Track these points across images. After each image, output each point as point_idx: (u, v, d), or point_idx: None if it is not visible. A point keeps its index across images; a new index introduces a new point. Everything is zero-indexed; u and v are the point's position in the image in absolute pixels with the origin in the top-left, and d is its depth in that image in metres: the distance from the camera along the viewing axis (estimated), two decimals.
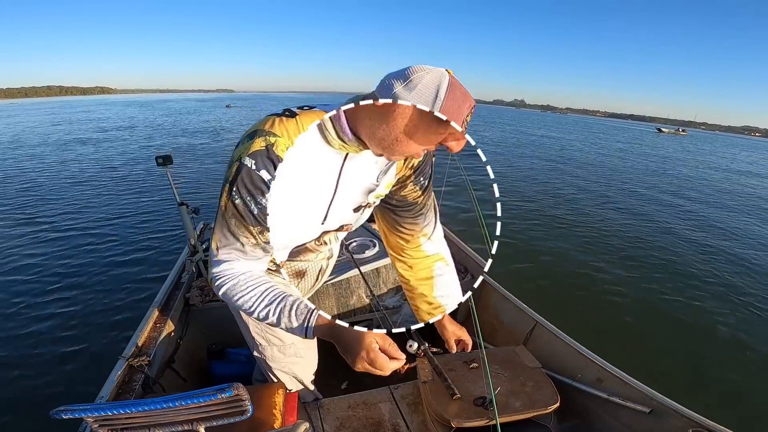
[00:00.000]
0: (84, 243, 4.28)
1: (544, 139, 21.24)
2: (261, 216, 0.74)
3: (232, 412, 0.82)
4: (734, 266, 4.53)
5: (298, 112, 0.75)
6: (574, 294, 3.57)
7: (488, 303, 1.95)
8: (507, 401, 1.21)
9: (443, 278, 1.08)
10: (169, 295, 1.81)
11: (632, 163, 14.21)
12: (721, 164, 17.86)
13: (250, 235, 0.76)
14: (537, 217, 5.76)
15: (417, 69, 0.64)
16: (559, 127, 34.27)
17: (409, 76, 0.63)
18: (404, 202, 0.96)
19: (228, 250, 0.77)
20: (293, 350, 1.20)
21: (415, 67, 0.65)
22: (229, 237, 0.76)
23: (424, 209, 0.97)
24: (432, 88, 0.63)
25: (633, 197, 7.85)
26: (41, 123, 21.45)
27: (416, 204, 0.97)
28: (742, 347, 2.98)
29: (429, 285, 1.06)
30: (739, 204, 8.35)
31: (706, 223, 6.35)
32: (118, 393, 1.25)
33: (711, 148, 29.92)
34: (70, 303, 3.12)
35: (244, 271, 0.78)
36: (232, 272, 0.77)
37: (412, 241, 1.02)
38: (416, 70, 0.64)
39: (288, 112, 0.75)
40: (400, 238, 1.03)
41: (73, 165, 8.69)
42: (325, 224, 0.88)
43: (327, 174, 0.80)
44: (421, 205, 0.97)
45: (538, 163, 11.64)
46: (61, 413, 0.74)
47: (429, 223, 1.00)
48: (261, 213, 0.74)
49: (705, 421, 1.09)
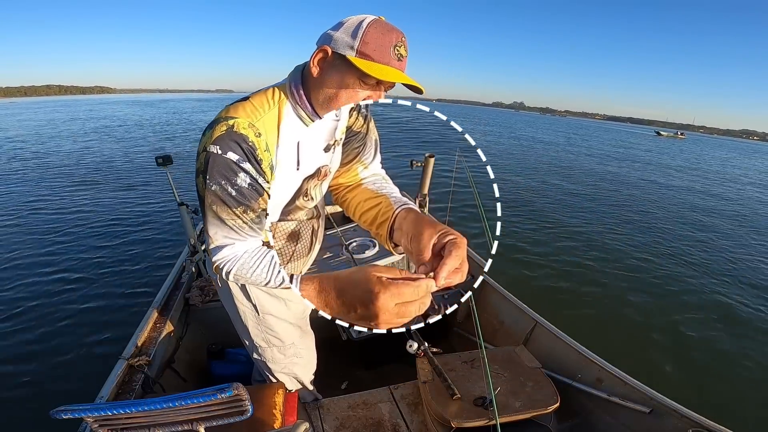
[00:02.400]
0: (84, 243, 4.28)
1: (541, 143, 21.24)
2: (240, 196, 0.76)
3: (232, 412, 0.82)
4: (734, 266, 4.54)
5: (250, 95, 0.81)
6: (574, 294, 3.57)
7: (488, 303, 1.95)
8: (507, 401, 1.21)
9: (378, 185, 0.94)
10: (169, 295, 1.81)
11: (631, 165, 14.22)
12: (718, 168, 17.86)
13: (235, 217, 0.77)
14: (536, 217, 5.77)
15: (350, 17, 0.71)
16: (556, 131, 34.30)
17: (341, 21, 0.71)
18: (350, 132, 0.98)
19: (221, 236, 0.78)
20: (293, 351, 1.20)
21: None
22: (217, 223, 0.77)
23: (366, 138, 0.99)
24: (356, 22, 0.69)
25: (633, 198, 7.85)
26: (50, 121, 21.42)
27: (360, 132, 0.98)
28: (742, 347, 2.98)
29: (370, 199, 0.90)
30: (736, 206, 8.35)
31: (706, 223, 6.35)
32: (118, 393, 1.25)
33: (710, 152, 29.90)
34: (69, 303, 3.12)
35: (244, 250, 0.79)
36: (233, 255, 0.78)
37: (351, 170, 0.99)
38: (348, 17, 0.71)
39: (242, 99, 0.81)
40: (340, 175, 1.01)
41: (73, 165, 8.69)
42: (300, 169, 0.88)
43: (292, 124, 0.83)
44: (364, 133, 0.99)
45: (537, 166, 11.64)
46: (61, 413, 0.74)
47: (369, 152, 1.00)
48: (239, 193, 0.76)
49: (705, 421, 1.09)
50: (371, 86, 0.73)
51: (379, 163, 1.02)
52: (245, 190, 0.76)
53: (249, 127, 0.74)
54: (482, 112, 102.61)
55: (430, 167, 2.63)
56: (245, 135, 0.73)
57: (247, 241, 0.80)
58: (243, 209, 0.77)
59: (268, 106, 0.79)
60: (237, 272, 0.78)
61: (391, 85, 0.74)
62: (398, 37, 0.69)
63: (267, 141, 0.77)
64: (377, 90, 0.74)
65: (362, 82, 0.72)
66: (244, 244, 0.79)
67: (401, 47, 0.70)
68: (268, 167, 0.79)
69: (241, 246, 0.79)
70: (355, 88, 0.73)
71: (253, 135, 0.74)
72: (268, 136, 0.78)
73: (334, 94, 0.75)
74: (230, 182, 0.74)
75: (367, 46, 0.68)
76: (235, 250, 0.79)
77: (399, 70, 0.70)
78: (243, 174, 0.75)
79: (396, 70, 0.70)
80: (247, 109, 0.77)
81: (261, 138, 0.76)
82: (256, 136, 0.75)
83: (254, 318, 1.12)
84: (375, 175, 1.00)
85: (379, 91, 0.74)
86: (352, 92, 0.73)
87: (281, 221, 1.00)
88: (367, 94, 0.74)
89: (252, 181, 0.76)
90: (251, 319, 1.13)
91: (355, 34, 0.68)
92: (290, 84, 0.81)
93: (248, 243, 0.80)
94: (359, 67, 0.68)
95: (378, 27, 0.68)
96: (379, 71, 0.68)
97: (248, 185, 0.76)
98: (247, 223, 0.78)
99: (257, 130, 0.75)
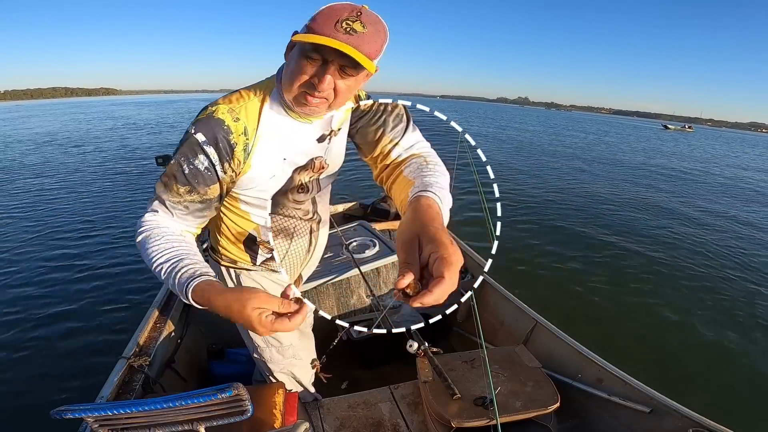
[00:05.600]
0: (83, 243, 4.29)
1: (548, 136, 21.23)
2: (191, 176, 0.76)
3: (232, 412, 0.82)
4: (735, 265, 4.53)
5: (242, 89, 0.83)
6: (574, 294, 3.57)
7: (488, 303, 1.95)
8: (507, 401, 1.21)
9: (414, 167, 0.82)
10: (169, 295, 1.81)
11: (636, 159, 14.21)
12: (726, 161, 17.82)
13: (176, 194, 0.77)
14: (536, 217, 5.77)
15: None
16: (563, 125, 34.37)
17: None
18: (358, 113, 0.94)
19: (157, 204, 0.78)
20: (291, 352, 1.20)
21: None
22: (159, 191, 0.78)
23: (384, 113, 0.92)
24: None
25: (634, 199, 7.85)
26: (63, 123, 21.44)
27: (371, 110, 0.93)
28: (743, 347, 2.98)
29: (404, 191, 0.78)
30: (744, 202, 8.35)
31: (707, 223, 6.35)
32: (118, 393, 1.25)
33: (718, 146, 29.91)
34: (69, 303, 3.12)
35: (163, 225, 0.77)
36: (151, 223, 0.77)
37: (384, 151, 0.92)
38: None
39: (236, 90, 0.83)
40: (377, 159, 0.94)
41: (73, 164, 8.70)
42: (287, 159, 0.87)
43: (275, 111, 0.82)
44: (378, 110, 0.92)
45: (540, 160, 11.64)
46: (61, 413, 0.74)
47: (393, 127, 0.91)
48: (191, 173, 0.76)
49: (705, 421, 1.09)
50: (317, 63, 0.70)
51: (415, 139, 0.91)
52: (198, 172, 0.77)
53: (228, 112, 0.77)
54: (486, 108, 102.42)
55: None
56: (222, 119, 0.76)
57: (174, 220, 0.79)
58: (188, 189, 0.77)
59: (254, 95, 0.81)
60: (141, 240, 0.75)
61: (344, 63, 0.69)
62: (351, 11, 0.66)
63: (246, 126, 0.79)
64: (327, 67, 0.69)
65: (307, 59, 0.69)
66: (167, 220, 0.78)
67: (355, 22, 0.66)
68: (242, 150, 0.79)
69: (164, 220, 0.78)
70: (300, 64, 0.70)
71: (230, 120, 0.77)
72: (249, 121, 0.79)
73: (288, 74, 0.74)
74: (188, 161, 0.76)
75: (314, 22, 0.67)
76: (156, 220, 0.77)
77: (340, 42, 0.64)
78: (203, 156, 0.76)
79: (328, 38, 0.64)
80: (232, 98, 0.80)
81: (239, 122, 0.78)
82: (233, 121, 0.77)
83: None
84: (415, 156, 0.87)
85: (328, 68, 0.69)
86: (298, 69, 0.71)
87: (275, 215, 0.99)
88: (313, 71, 0.70)
89: (209, 166, 0.77)
90: None
91: (312, 15, 0.68)
92: (276, 75, 0.82)
93: (173, 222, 0.79)
94: (293, 39, 0.68)
95: (336, 5, 0.67)
96: (306, 37, 0.65)
97: (204, 168, 0.77)
98: (185, 204, 0.78)
99: (236, 115, 0.78)
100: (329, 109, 0.79)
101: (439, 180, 0.75)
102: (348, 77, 0.72)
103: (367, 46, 0.67)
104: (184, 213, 0.79)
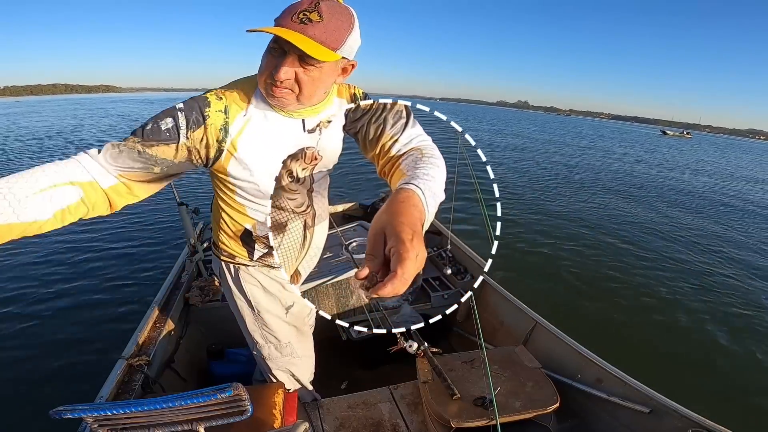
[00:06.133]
0: (83, 243, 4.28)
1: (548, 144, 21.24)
2: (149, 131, 0.76)
3: (231, 412, 0.82)
4: (735, 266, 4.53)
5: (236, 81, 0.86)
6: (574, 294, 3.57)
7: (488, 303, 1.95)
8: (507, 401, 1.21)
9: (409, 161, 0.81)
10: (169, 294, 1.81)
11: (633, 164, 14.22)
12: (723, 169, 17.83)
13: (127, 141, 0.75)
14: (536, 217, 5.77)
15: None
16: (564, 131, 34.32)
17: None
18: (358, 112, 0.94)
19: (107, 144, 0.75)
20: (289, 350, 1.20)
21: None
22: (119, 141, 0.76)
23: (384, 112, 0.93)
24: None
25: (634, 199, 7.85)
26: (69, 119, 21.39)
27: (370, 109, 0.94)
28: (743, 347, 2.98)
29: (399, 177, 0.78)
30: (739, 208, 8.35)
31: (708, 223, 6.35)
32: (117, 393, 1.25)
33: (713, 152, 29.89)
34: (69, 303, 3.12)
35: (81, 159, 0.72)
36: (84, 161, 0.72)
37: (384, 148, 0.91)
38: None
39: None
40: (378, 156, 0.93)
41: None
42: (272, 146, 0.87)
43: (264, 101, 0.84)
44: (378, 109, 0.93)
45: (540, 162, 11.64)
46: (61, 413, 0.74)
47: (392, 125, 0.91)
48: (151, 129, 0.76)
49: (705, 421, 1.09)
50: (277, 54, 0.72)
51: (415, 134, 0.90)
52: (158, 130, 0.76)
53: (214, 93, 0.81)
54: (486, 111, 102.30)
55: None
56: (206, 96, 0.80)
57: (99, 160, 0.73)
58: (138, 141, 0.74)
59: (243, 85, 0.83)
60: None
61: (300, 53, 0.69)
62: (311, 2, 0.68)
63: (228, 105, 0.80)
64: (285, 57, 0.71)
65: (269, 50, 0.73)
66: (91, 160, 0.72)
67: (312, 12, 0.67)
68: (219, 127, 0.80)
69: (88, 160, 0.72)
70: (265, 56, 0.74)
71: (214, 98, 0.80)
72: (233, 102, 0.81)
73: (259, 68, 0.77)
74: (155, 121, 0.77)
75: (278, 16, 0.69)
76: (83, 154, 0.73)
77: (289, 30, 0.67)
78: (170, 119, 0.77)
79: (278, 27, 0.68)
80: (221, 88, 0.83)
81: (221, 101, 0.80)
82: (217, 99, 0.80)
83: (251, 314, 1.13)
84: (413, 150, 0.86)
85: (286, 59, 0.71)
86: (263, 63, 0.75)
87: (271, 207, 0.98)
88: (274, 61, 0.72)
89: (171, 128, 0.76)
90: (248, 314, 1.13)
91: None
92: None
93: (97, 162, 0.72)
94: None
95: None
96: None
97: (165, 129, 0.76)
98: (124, 150, 0.74)
99: (220, 94, 0.80)
100: (300, 102, 0.79)
101: (430, 171, 0.71)
102: (310, 67, 0.72)
103: (322, 34, 0.68)
104: (120, 155, 0.74)
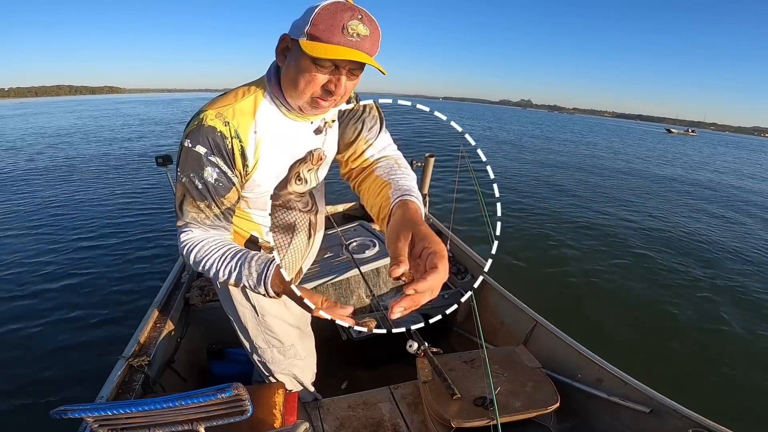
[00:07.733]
0: (83, 243, 4.28)
1: (540, 138, 21.23)
2: (205, 190, 0.78)
3: (232, 412, 0.82)
4: (736, 266, 4.53)
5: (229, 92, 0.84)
6: (575, 294, 3.57)
7: (488, 303, 1.94)
8: (507, 401, 1.21)
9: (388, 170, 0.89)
10: (169, 294, 1.81)
11: (639, 163, 14.21)
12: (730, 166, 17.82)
13: (198, 210, 0.79)
14: (536, 217, 5.77)
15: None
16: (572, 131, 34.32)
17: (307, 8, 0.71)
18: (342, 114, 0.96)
19: (186, 222, 0.80)
20: (293, 352, 1.20)
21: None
22: (183, 210, 0.79)
23: (363, 115, 0.95)
24: (314, 7, 0.68)
25: (634, 199, 7.85)
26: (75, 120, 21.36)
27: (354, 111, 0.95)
28: (743, 347, 2.98)
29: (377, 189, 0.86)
30: (741, 205, 8.35)
31: (708, 223, 6.35)
32: (118, 393, 1.25)
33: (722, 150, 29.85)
34: (69, 303, 3.12)
35: (205, 237, 0.80)
36: (193, 240, 0.79)
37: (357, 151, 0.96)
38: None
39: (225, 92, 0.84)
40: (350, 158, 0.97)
41: (74, 164, 8.69)
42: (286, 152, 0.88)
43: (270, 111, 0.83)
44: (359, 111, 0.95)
45: (539, 162, 11.64)
46: (61, 413, 0.74)
47: (369, 128, 0.95)
48: (205, 188, 0.78)
49: (705, 421, 1.09)
50: (329, 69, 0.71)
51: (387, 141, 0.97)
52: (211, 184, 0.78)
53: (216, 117, 0.77)
54: (489, 110, 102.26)
55: (430, 167, 2.63)
56: (213, 126, 0.76)
57: (209, 230, 0.81)
58: (207, 204, 0.79)
59: (243, 95, 0.81)
60: (195, 257, 0.78)
61: (353, 67, 0.71)
62: (351, 15, 0.66)
63: (237, 128, 0.78)
64: (337, 74, 0.71)
65: (317, 66, 0.70)
66: (203, 233, 0.80)
67: (358, 26, 0.67)
68: (239, 153, 0.80)
69: (202, 234, 0.80)
70: (312, 72, 0.71)
71: (221, 124, 0.77)
72: (240, 122, 0.79)
73: (294, 80, 0.74)
74: (198, 176, 0.77)
75: (316, 28, 0.66)
76: (196, 236, 0.79)
77: (351, 48, 0.67)
78: (211, 168, 0.77)
79: (344, 47, 0.67)
80: (220, 100, 0.80)
81: (229, 126, 0.77)
82: (224, 125, 0.77)
83: (254, 319, 1.12)
84: (386, 158, 0.94)
85: (339, 75, 0.71)
86: (310, 77, 0.72)
87: (276, 210, 0.99)
88: (326, 78, 0.72)
89: (220, 175, 0.78)
90: (251, 320, 1.12)
91: (307, 18, 0.67)
92: (266, 76, 0.83)
93: (209, 232, 0.81)
94: (304, 49, 0.67)
95: (330, 8, 0.67)
96: (324, 50, 0.66)
97: (215, 180, 0.78)
98: (209, 217, 0.80)
99: (225, 118, 0.77)
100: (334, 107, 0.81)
101: (412, 184, 0.83)
102: (355, 78, 0.74)
103: (371, 47, 0.69)
104: (214, 222, 0.81)
